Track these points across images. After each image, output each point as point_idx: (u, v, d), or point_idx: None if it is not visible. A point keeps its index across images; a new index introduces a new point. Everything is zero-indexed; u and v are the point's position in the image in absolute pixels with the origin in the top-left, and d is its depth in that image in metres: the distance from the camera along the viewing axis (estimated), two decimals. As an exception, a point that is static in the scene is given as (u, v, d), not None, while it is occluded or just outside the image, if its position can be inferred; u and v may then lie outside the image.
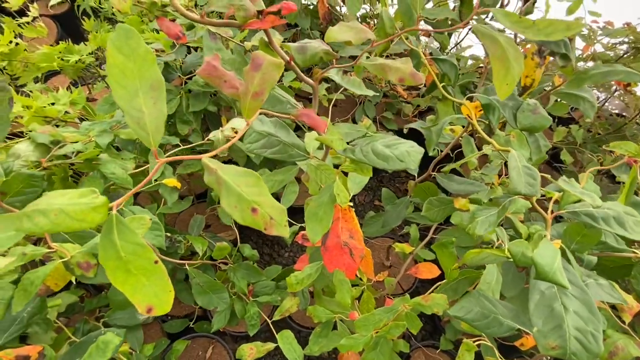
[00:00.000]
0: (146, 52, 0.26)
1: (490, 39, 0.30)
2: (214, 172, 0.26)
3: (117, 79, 0.26)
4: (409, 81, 0.33)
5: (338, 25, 0.34)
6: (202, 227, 0.92)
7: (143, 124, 0.26)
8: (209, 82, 0.34)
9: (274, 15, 0.34)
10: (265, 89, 0.30)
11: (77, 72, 1.26)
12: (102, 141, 0.78)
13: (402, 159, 0.39)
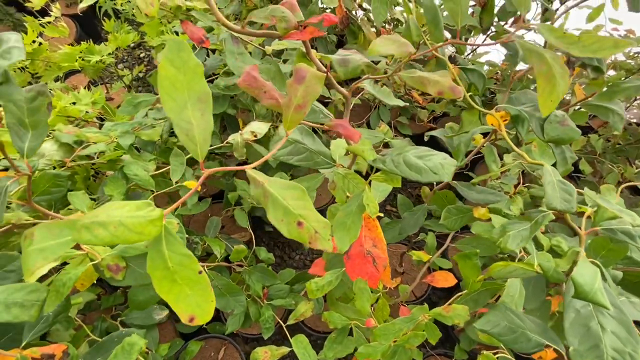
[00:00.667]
0: (196, 65, 0.27)
1: (537, 56, 0.29)
2: (260, 185, 0.26)
3: (168, 91, 0.26)
4: (448, 94, 0.33)
5: (381, 39, 0.33)
6: (218, 229, 0.93)
7: (192, 135, 0.26)
8: (248, 92, 0.34)
9: (313, 26, 0.34)
10: (308, 101, 0.30)
11: (97, 72, 1.28)
12: (124, 142, 0.79)
13: (436, 171, 0.39)
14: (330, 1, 1.03)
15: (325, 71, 0.37)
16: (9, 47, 0.25)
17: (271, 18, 0.32)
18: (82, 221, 0.21)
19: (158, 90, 0.26)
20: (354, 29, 1.51)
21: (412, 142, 1.47)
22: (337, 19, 1.28)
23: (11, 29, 1.90)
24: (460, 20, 0.36)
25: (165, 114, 0.87)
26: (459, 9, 0.35)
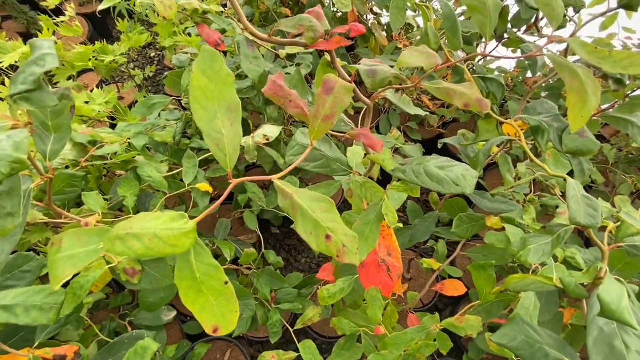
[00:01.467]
0: (227, 75, 0.27)
1: (569, 71, 0.29)
2: (289, 196, 0.26)
3: (199, 101, 0.26)
4: (474, 107, 0.33)
5: (409, 50, 0.33)
6: (227, 231, 0.93)
7: (222, 146, 0.26)
8: (274, 101, 0.34)
9: (340, 36, 0.34)
10: (336, 112, 0.30)
11: (110, 71, 1.29)
12: (138, 143, 0.79)
13: (458, 182, 0.38)
14: (343, 6, 1.03)
15: (350, 80, 0.37)
16: (43, 54, 0.25)
17: (299, 27, 0.32)
18: (116, 232, 0.21)
19: (189, 99, 0.26)
20: (365, 33, 1.51)
21: (422, 147, 1.47)
22: (350, 10, 1.28)
23: (25, 27, 1.92)
24: (488, 33, 0.36)
25: (194, 122, 0.88)
26: (487, 21, 0.34)
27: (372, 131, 1.45)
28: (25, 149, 0.23)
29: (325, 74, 0.39)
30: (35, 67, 0.24)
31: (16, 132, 0.24)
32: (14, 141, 0.22)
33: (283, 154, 1.01)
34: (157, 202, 0.76)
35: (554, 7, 0.32)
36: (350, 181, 0.49)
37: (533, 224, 0.78)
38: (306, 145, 0.51)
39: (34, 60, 0.25)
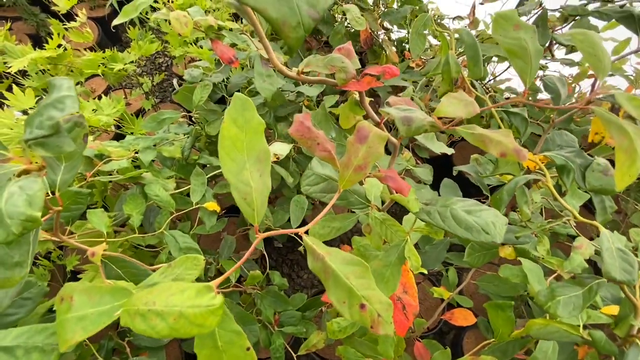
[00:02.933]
0: (258, 124, 0.25)
1: (618, 129, 0.27)
2: (320, 258, 0.24)
3: (228, 151, 0.24)
4: (512, 157, 0.31)
5: (447, 99, 0.32)
6: (232, 249, 0.91)
7: (250, 200, 0.24)
8: (300, 143, 0.32)
9: (371, 76, 0.32)
10: (369, 162, 0.28)
11: (118, 79, 1.28)
12: (145, 158, 0.78)
13: (488, 230, 0.36)
14: (358, 24, 1.02)
15: (380, 121, 0.35)
16: (62, 96, 0.23)
17: (330, 67, 0.31)
18: (136, 305, 0.19)
19: (218, 149, 0.24)
20: (376, 49, 1.50)
21: (431, 164, 1.45)
22: (362, 39, 1.27)
23: (34, 29, 1.92)
24: (528, 80, 0.34)
25: (203, 136, 0.86)
26: (528, 68, 0.33)
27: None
28: (39, 204, 0.21)
29: (352, 112, 0.37)
30: (53, 111, 0.23)
31: (29, 181, 0.22)
32: (27, 194, 0.21)
33: (291, 171, 1.00)
34: (162, 220, 0.74)
35: (600, 58, 0.31)
36: (369, 216, 0.47)
37: (548, 256, 0.76)
38: (323, 175, 0.49)
39: (52, 102, 0.23)
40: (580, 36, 0.31)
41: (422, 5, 1.33)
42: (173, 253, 0.67)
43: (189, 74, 0.82)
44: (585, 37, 0.31)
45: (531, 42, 0.32)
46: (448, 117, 0.35)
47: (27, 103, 0.92)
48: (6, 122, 0.89)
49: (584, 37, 0.31)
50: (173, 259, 0.71)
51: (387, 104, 0.36)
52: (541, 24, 0.99)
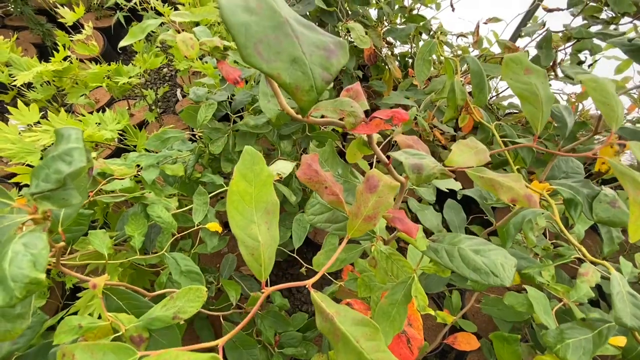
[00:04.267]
0: (267, 177, 0.24)
1: (632, 183, 0.27)
2: (329, 318, 0.23)
3: (236, 206, 0.24)
4: (522, 203, 0.31)
5: (457, 146, 0.31)
6: (233, 268, 0.90)
7: (257, 255, 0.24)
8: (309, 186, 0.32)
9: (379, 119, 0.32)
10: (379, 212, 0.27)
11: (123, 91, 1.29)
12: (148, 177, 0.77)
13: (497, 273, 0.36)
14: (362, 43, 1.03)
15: (388, 163, 0.35)
16: (70, 148, 0.23)
17: (339, 112, 0.30)
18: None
19: (227, 204, 0.24)
20: (379, 64, 1.51)
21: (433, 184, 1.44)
22: (366, 56, 1.28)
23: (41, 38, 1.94)
24: (540, 127, 0.34)
25: (207, 154, 0.86)
26: (539, 114, 0.33)
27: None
28: (43, 265, 0.20)
29: (360, 151, 0.37)
30: (61, 164, 0.22)
31: (34, 237, 0.21)
32: (32, 254, 0.20)
33: (294, 189, 0.99)
34: (163, 240, 0.73)
35: (613, 107, 0.30)
36: (374, 249, 0.46)
37: (553, 282, 0.75)
38: (328, 204, 0.49)
39: (59, 154, 0.23)
40: (592, 83, 0.31)
41: (425, 22, 1.33)
42: (174, 276, 0.66)
43: (194, 92, 0.82)
44: (597, 84, 0.31)
45: (542, 87, 0.32)
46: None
47: (31, 118, 0.92)
48: (9, 137, 0.89)
49: (596, 84, 0.31)
50: (174, 281, 0.70)
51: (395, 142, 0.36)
52: (545, 45, 1.00)
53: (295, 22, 0.20)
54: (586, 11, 0.96)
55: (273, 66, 0.19)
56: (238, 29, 0.18)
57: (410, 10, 1.51)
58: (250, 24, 0.19)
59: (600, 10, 0.96)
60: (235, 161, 0.90)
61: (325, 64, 0.20)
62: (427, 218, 0.79)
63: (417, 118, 0.91)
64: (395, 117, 0.31)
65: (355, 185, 0.40)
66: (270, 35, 0.19)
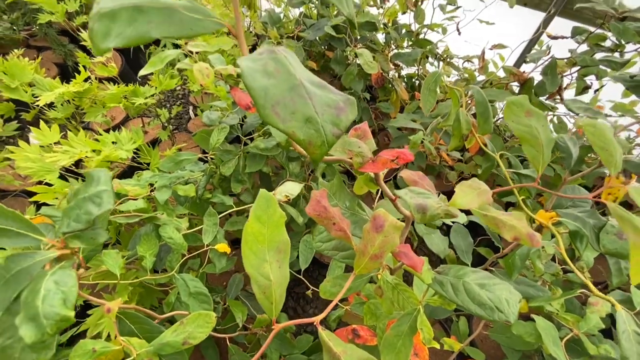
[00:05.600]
0: (280, 218, 0.26)
1: (633, 228, 0.28)
2: (336, 357, 0.24)
3: (250, 246, 0.25)
4: (525, 242, 0.32)
5: (460, 188, 0.33)
6: (240, 288, 0.91)
7: (269, 293, 0.25)
8: (317, 221, 0.33)
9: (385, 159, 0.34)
10: (385, 251, 0.29)
11: (138, 111, 1.33)
12: (161, 197, 0.80)
13: (501, 308, 0.36)
14: (370, 68, 1.06)
15: (394, 198, 0.36)
16: (99, 191, 0.25)
17: (348, 152, 0.32)
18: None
19: (241, 245, 0.25)
20: (386, 85, 1.54)
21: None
22: (373, 79, 1.31)
23: (63, 58, 2.03)
24: (540, 168, 0.35)
25: (217, 174, 0.88)
26: (540, 156, 0.34)
27: (389, 186, 1.43)
28: (73, 302, 0.22)
29: (367, 186, 0.38)
30: (91, 205, 0.24)
31: (64, 274, 0.23)
32: (62, 291, 0.22)
33: (301, 209, 1.01)
34: (173, 260, 0.75)
35: (612, 153, 0.32)
36: (380, 278, 0.47)
37: (562, 311, 0.74)
38: (335, 233, 0.50)
39: (90, 196, 0.25)
40: (591, 128, 0.32)
41: (432, 47, 1.37)
42: (183, 297, 0.67)
43: (207, 117, 0.85)
44: (595, 129, 0.32)
45: (542, 130, 0.33)
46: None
47: (52, 138, 0.96)
48: (31, 156, 0.92)
49: (595, 129, 0.32)
50: (182, 302, 0.71)
51: (401, 179, 0.37)
52: (550, 71, 1.02)
53: (309, 82, 0.23)
54: (591, 39, 0.98)
55: (289, 125, 0.21)
56: (258, 93, 0.21)
57: (417, 34, 1.55)
58: (269, 87, 0.21)
59: (605, 38, 0.98)
60: (244, 182, 0.92)
61: (336, 121, 0.22)
62: (434, 242, 0.79)
63: (424, 142, 0.92)
64: (400, 157, 0.32)
65: (362, 218, 0.41)
66: (287, 97, 0.21)
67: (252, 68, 0.21)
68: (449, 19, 1.49)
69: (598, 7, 0.88)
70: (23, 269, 0.25)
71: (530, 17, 1.56)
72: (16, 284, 0.25)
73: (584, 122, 0.33)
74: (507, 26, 1.58)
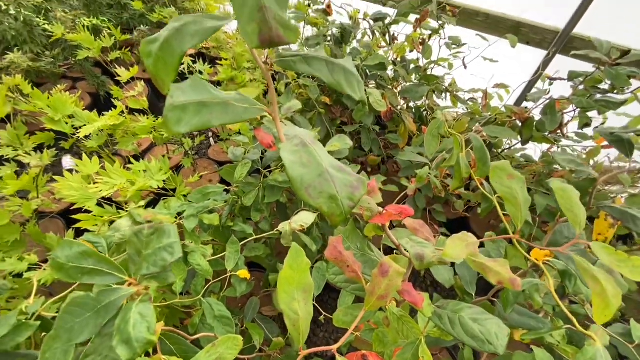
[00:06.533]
0: (306, 265, 0.33)
1: (592, 278, 0.34)
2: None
3: (284, 288, 0.33)
4: (507, 285, 0.38)
5: (452, 241, 0.40)
6: (256, 310, 0.97)
7: (297, 326, 0.32)
8: (334, 263, 0.40)
9: (390, 213, 0.41)
10: (389, 292, 0.35)
11: (165, 141, 1.45)
12: (189, 226, 0.88)
13: (491, 341, 0.42)
14: (379, 106, 1.15)
15: (398, 245, 0.43)
16: (171, 243, 0.33)
17: (359, 208, 0.40)
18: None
19: (277, 287, 0.33)
20: (395, 117, 1.63)
21: (448, 228, 1.49)
22: (382, 114, 1.40)
23: (95, 88, 2.20)
24: (519, 224, 0.42)
25: (239, 204, 0.97)
26: (519, 213, 0.41)
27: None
28: (154, 329, 0.29)
29: (375, 232, 0.45)
30: (165, 254, 0.32)
31: (146, 307, 0.31)
32: (147, 321, 0.29)
33: (314, 237, 1.08)
34: (198, 284, 0.83)
35: (576, 213, 0.38)
36: (388, 309, 0.53)
37: (564, 342, 0.77)
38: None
39: (164, 247, 0.33)
40: (560, 192, 0.39)
41: (438, 85, 1.46)
42: (208, 319, 0.74)
43: (232, 153, 0.95)
44: (564, 193, 0.39)
45: (521, 192, 0.40)
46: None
47: (92, 169, 1.08)
48: (74, 185, 1.03)
49: (564, 192, 0.39)
50: (206, 323, 0.78)
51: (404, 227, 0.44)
52: (549, 111, 1.08)
53: (332, 168, 0.31)
54: (587, 82, 1.05)
55: (317, 202, 0.28)
56: (296, 179, 0.29)
57: (425, 69, 1.65)
58: (304, 175, 0.29)
59: (601, 81, 1.05)
60: (262, 211, 1.00)
61: (351, 197, 0.29)
62: (439, 272, 0.85)
63: (430, 176, 0.99)
64: (402, 213, 0.40)
65: (371, 259, 0.48)
66: (316, 181, 0.29)
67: (292, 160, 0.29)
68: (454, 55, 1.59)
69: (592, 54, 0.96)
70: (111, 302, 0.33)
71: (534, 54, 1.64)
72: (105, 313, 0.33)
73: (554, 184, 0.40)
74: (511, 63, 1.67)
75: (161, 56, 0.35)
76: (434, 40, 1.62)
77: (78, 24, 2.04)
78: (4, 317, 0.58)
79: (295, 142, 0.32)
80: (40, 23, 1.97)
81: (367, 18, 1.57)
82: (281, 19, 0.31)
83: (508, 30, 1.55)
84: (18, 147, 1.32)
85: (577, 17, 1.43)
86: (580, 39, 1.47)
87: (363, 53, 1.45)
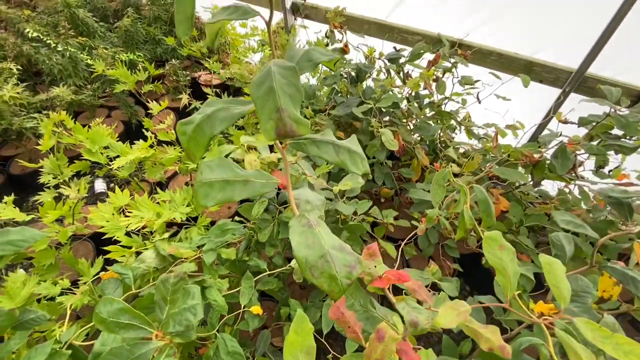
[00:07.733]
0: (309, 330, 0.38)
1: (573, 352, 0.37)
2: None
3: (290, 351, 0.37)
4: (497, 352, 0.41)
5: (443, 309, 0.43)
6: (267, 343, 1.00)
7: (300, 386, 0.36)
8: (336, 323, 0.45)
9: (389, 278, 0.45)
10: (385, 356, 0.39)
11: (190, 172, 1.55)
12: (208, 259, 0.94)
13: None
14: (391, 146, 1.20)
15: (394, 303, 0.47)
16: (195, 304, 0.39)
17: (361, 274, 0.44)
18: None
19: (284, 348, 0.37)
20: (409, 151, 1.67)
21: (460, 263, 1.48)
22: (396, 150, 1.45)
23: (128, 117, 2.38)
24: (509, 293, 0.45)
25: (254, 240, 1.03)
26: (508, 283, 0.44)
27: (409, 246, 1.49)
28: (177, 384, 0.35)
29: (376, 292, 0.49)
30: (189, 315, 0.38)
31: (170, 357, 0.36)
32: (171, 376, 0.35)
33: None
34: (214, 318, 0.88)
35: (562, 289, 0.41)
36: None
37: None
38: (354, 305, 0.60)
39: (188, 307, 0.38)
40: (547, 266, 0.42)
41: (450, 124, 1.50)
42: (222, 354, 0.78)
43: (250, 192, 1.02)
44: (551, 267, 0.42)
45: (510, 264, 0.43)
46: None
47: (123, 201, 1.17)
48: (105, 215, 1.12)
49: (550, 267, 0.42)
50: (220, 357, 0.82)
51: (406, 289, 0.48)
52: (560, 154, 1.10)
53: (332, 248, 0.36)
54: (597, 128, 1.06)
55: (319, 280, 0.33)
56: (301, 259, 0.34)
57: (439, 105, 1.70)
58: (308, 256, 0.34)
59: (612, 127, 1.06)
60: (276, 246, 1.06)
61: (349, 275, 0.34)
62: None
63: (440, 217, 1.02)
64: (400, 278, 0.44)
65: (372, 315, 0.52)
66: (318, 262, 0.34)
67: (299, 242, 0.35)
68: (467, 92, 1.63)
69: (601, 104, 0.98)
70: (142, 354, 0.38)
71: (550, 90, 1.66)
72: (137, 363, 0.38)
73: (542, 258, 0.43)
74: (527, 97, 1.69)
75: (194, 137, 0.42)
76: (448, 77, 1.67)
77: (117, 59, 2.24)
78: (41, 346, 0.65)
79: (302, 222, 0.37)
80: (83, 59, 2.18)
81: (382, 57, 1.64)
82: (295, 117, 0.37)
83: (521, 69, 1.59)
84: (58, 175, 1.45)
85: (590, 57, 1.45)
86: (595, 79, 1.48)
87: (377, 92, 1.52)
